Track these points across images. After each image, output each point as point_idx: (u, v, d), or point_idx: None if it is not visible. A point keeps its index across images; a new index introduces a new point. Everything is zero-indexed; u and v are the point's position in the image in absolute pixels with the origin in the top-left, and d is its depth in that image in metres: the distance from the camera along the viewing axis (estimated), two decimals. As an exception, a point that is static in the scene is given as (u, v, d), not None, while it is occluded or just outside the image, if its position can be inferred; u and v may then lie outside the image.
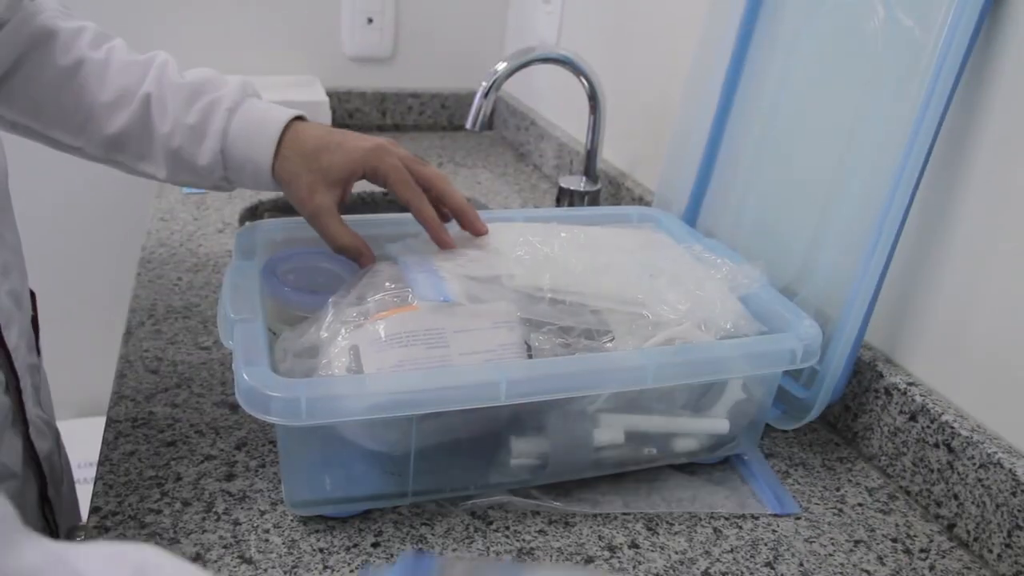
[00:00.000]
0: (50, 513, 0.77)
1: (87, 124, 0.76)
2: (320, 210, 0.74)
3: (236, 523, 0.64)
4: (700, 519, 0.68)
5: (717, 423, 0.71)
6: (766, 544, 0.66)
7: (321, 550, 0.62)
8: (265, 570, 0.60)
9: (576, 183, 1.17)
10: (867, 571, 0.65)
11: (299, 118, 0.79)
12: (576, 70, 1.10)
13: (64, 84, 0.75)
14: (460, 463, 0.68)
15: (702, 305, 0.71)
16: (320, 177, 0.74)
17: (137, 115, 0.76)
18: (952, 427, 0.69)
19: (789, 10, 0.85)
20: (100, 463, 0.69)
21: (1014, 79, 0.66)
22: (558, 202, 1.18)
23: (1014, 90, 0.66)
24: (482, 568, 0.57)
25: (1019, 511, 0.63)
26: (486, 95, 1.05)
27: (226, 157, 0.76)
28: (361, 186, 1.33)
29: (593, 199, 1.17)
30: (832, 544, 0.67)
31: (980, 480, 0.66)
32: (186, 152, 0.76)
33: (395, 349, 0.62)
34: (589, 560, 0.63)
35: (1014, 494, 0.63)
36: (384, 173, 0.74)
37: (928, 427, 0.71)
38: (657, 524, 0.68)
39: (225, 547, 0.62)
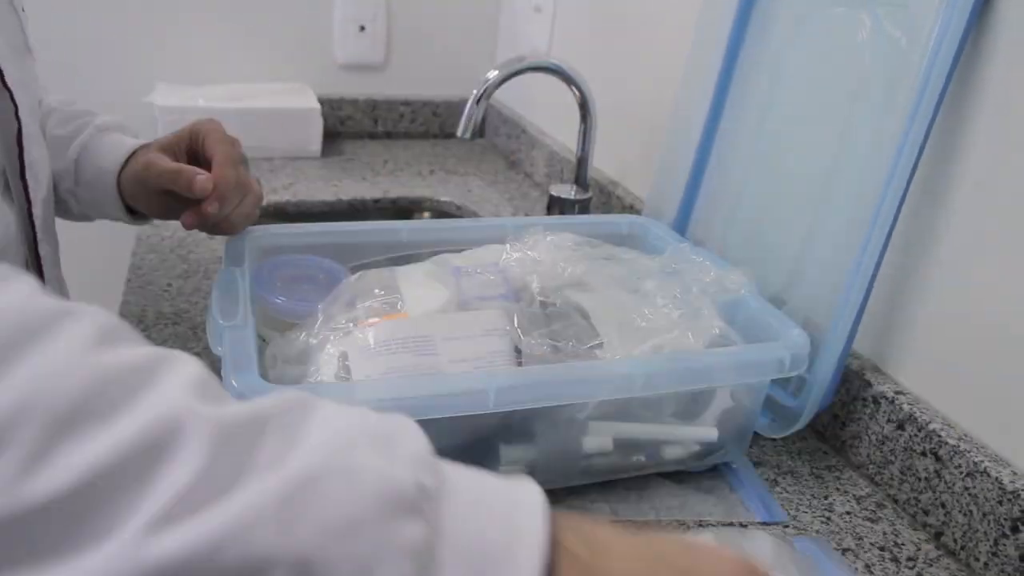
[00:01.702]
0: None
1: None
2: (149, 160, 0.76)
3: (224, 530, 0.64)
4: (689, 527, 0.68)
5: (706, 431, 0.71)
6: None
7: (309, 557, 0.62)
8: (253, 577, 0.60)
9: (567, 191, 1.17)
10: (854, 579, 0.65)
11: None
12: (567, 79, 1.10)
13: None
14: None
15: (688, 313, 0.71)
16: (149, 159, 0.77)
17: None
18: (939, 436, 0.69)
19: (778, 20, 0.86)
20: (87, 469, 0.69)
21: (1001, 90, 0.66)
22: (549, 210, 1.18)
23: (1001, 101, 0.66)
24: None
25: (1005, 519, 0.63)
26: (477, 103, 1.05)
27: (79, 167, 0.80)
28: (351, 192, 1.34)
29: (583, 207, 1.17)
30: (820, 552, 0.67)
31: (967, 488, 0.66)
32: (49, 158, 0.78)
33: (384, 356, 0.62)
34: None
35: (1000, 503, 0.63)
36: (204, 131, 0.76)
37: (915, 436, 0.71)
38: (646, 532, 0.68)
39: (213, 554, 0.61)
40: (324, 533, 0.32)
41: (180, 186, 0.73)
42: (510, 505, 0.36)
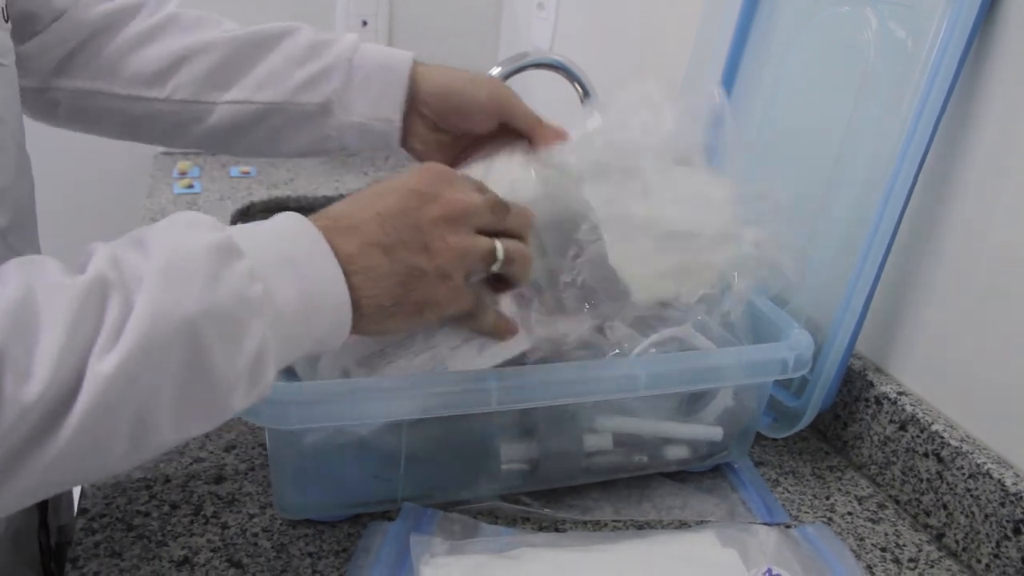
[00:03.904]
0: (45, 537, 0.76)
1: (180, 66, 0.73)
2: (500, 93, 0.73)
3: (225, 526, 0.64)
4: (690, 527, 0.68)
5: (710, 431, 0.71)
6: (755, 552, 0.66)
7: (310, 554, 0.62)
8: (254, 574, 0.60)
9: (569, 189, 1.17)
10: (856, 580, 0.65)
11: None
12: (570, 76, 1.10)
13: (147, 39, 0.73)
14: (450, 468, 0.68)
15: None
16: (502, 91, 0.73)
17: (247, 44, 0.74)
18: (942, 437, 0.69)
19: (782, 19, 0.86)
20: (88, 465, 0.69)
21: (1006, 91, 0.66)
22: (551, 207, 1.18)
23: (1007, 102, 0.66)
24: (478, 526, 0.63)
25: (1007, 521, 0.63)
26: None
27: (353, 66, 0.72)
28: (353, 186, 1.33)
29: (586, 205, 1.17)
30: (821, 553, 0.67)
31: (969, 490, 0.66)
32: (305, 65, 0.72)
33: None
34: (579, 567, 0.63)
35: (1003, 504, 0.63)
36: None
37: (918, 436, 0.71)
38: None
39: (213, 551, 0.61)
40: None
41: (536, 134, 0.71)
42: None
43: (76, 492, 0.72)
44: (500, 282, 0.60)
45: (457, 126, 0.73)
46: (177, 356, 0.43)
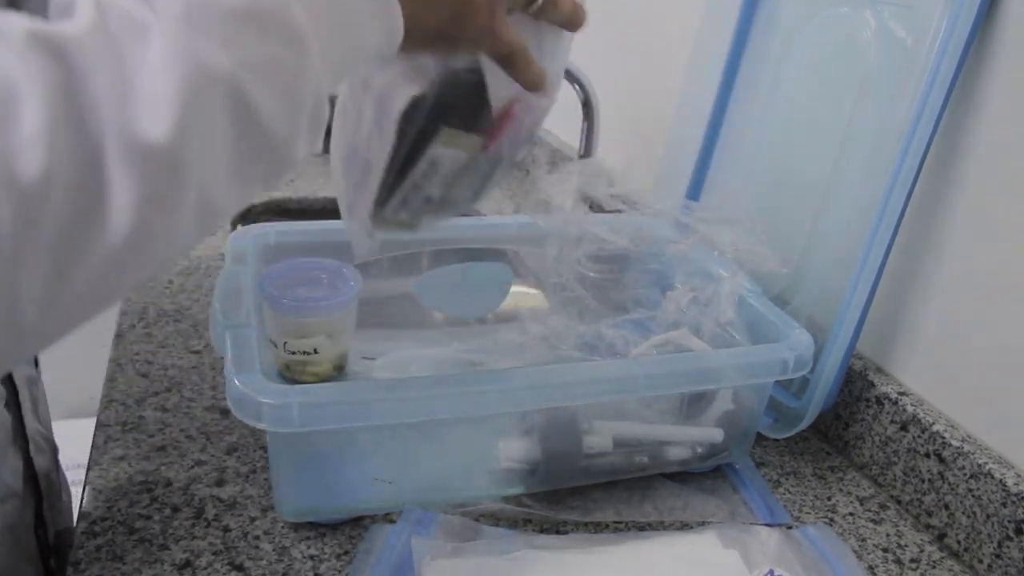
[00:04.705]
0: (43, 532, 0.76)
1: None
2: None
3: (226, 529, 0.64)
4: (691, 528, 0.68)
5: (711, 432, 0.71)
6: (757, 553, 0.66)
7: (312, 557, 0.62)
8: (255, 577, 0.60)
9: (569, 189, 1.17)
10: (857, 581, 0.65)
11: None
12: (570, 76, 1.10)
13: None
14: (451, 470, 0.68)
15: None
16: None
17: None
18: (943, 437, 0.69)
19: (783, 19, 0.86)
20: (89, 468, 0.69)
21: (1007, 90, 0.66)
22: (551, 208, 1.18)
23: (1007, 101, 0.66)
24: (479, 528, 0.63)
25: (1009, 521, 0.63)
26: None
27: None
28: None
29: (586, 205, 1.17)
30: (823, 553, 0.67)
31: (971, 490, 0.66)
32: None
33: None
34: (580, 568, 0.63)
35: (1004, 504, 0.63)
36: None
37: (919, 437, 0.71)
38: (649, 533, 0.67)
39: (215, 554, 0.61)
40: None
41: None
42: None
43: (75, 494, 0.72)
44: None
45: None
46: (224, 119, 0.36)
